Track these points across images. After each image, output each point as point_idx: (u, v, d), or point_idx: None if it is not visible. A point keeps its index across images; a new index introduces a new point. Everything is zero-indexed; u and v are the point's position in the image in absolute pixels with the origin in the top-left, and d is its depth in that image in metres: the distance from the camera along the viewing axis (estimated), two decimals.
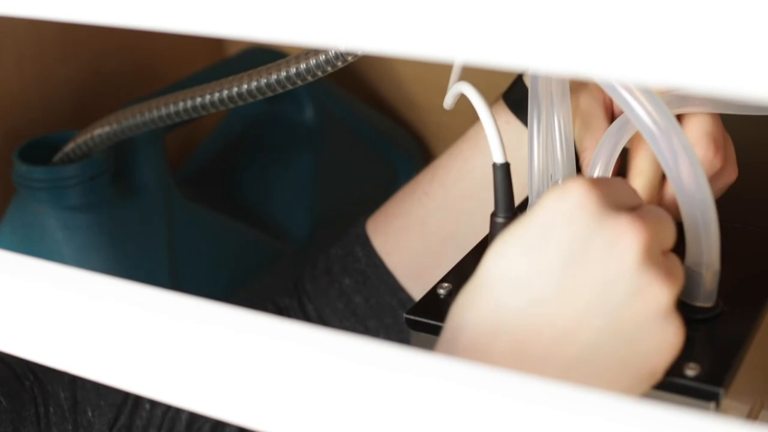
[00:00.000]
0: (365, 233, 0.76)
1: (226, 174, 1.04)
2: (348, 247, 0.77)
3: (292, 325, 0.34)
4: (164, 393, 0.35)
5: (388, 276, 0.74)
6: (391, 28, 0.28)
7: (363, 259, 0.75)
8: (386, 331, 0.75)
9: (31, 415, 0.64)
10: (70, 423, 0.66)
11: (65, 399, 0.67)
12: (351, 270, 0.76)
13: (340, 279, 0.76)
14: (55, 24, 0.87)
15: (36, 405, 0.65)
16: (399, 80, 1.11)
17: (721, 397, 0.46)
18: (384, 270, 0.74)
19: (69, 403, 0.67)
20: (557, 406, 0.29)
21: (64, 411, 0.66)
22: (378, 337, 0.75)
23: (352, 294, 0.75)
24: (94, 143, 0.78)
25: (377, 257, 0.74)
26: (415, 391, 0.31)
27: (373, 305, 0.74)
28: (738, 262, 0.55)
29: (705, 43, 0.24)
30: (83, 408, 0.67)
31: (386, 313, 0.74)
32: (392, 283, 0.74)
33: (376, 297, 0.74)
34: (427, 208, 0.72)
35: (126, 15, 0.32)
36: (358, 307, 0.75)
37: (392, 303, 0.74)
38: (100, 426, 0.68)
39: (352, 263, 0.76)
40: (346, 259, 0.76)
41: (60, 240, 0.79)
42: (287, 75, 0.64)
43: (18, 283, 0.37)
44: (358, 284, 0.75)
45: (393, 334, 0.75)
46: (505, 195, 0.54)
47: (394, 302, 0.74)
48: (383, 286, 0.74)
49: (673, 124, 0.47)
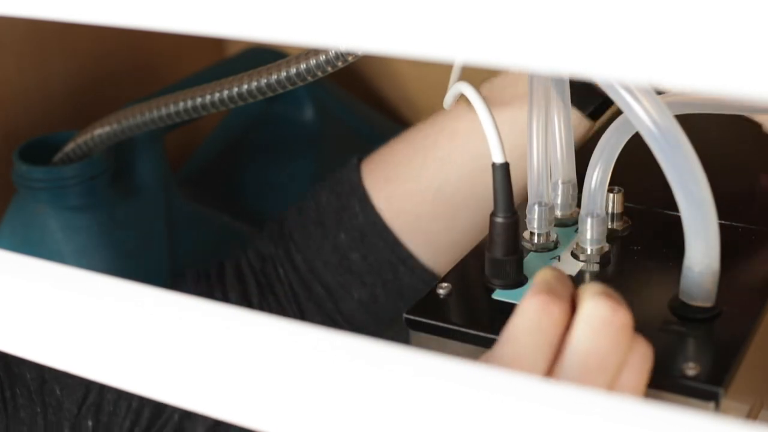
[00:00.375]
0: (363, 187, 0.73)
1: (226, 174, 1.04)
2: (342, 200, 0.74)
3: (292, 324, 0.34)
4: (164, 393, 0.35)
5: (387, 233, 0.72)
6: (391, 28, 0.28)
7: (360, 215, 0.73)
8: (384, 285, 0.73)
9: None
10: (38, 405, 0.65)
11: (32, 380, 0.65)
12: (347, 226, 0.73)
13: (335, 233, 0.73)
14: (55, 24, 0.87)
15: (2, 390, 0.64)
16: (399, 80, 1.11)
17: (720, 397, 0.46)
18: (383, 227, 0.72)
19: (36, 384, 0.65)
20: (557, 406, 0.29)
21: (30, 392, 0.65)
22: (375, 292, 0.73)
23: (347, 250, 0.73)
24: (94, 143, 0.78)
25: (376, 215, 0.72)
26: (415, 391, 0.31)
27: (372, 262, 0.73)
28: (738, 262, 0.55)
29: (705, 43, 0.24)
30: (51, 387, 0.66)
31: (385, 269, 0.73)
32: (391, 240, 0.72)
33: (374, 254, 0.73)
34: (445, 174, 0.70)
35: (126, 15, 0.32)
36: (354, 264, 0.73)
37: (391, 259, 0.72)
38: (68, 405, 0.66)
39: (349, 219, 0.73)
40: (341, 213, 0.74)
41: (60, 240, 0.79)
42: (287, 75, 0.64)
43: (18, 283, 0.37)
44: (355, 241, 0.73)
45: (392, 289, 0.74)
46: (505, 195, 0.54)
47: (393, 258, 0.72)
48: (382, 243, 0.72)
49: (673, 124, 0.47)
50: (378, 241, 0.72)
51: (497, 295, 0.54)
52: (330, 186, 0.75)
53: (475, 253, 0.59)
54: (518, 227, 0.55)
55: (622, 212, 0.60)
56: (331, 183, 0.75)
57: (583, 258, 0.56)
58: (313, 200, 0.76)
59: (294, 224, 0.75)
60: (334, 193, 0.74)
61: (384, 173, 0.73)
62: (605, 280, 0.56)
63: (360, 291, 0.73)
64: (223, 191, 1.02)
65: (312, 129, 1.02)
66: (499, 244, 0.54)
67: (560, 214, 0.60)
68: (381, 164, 0.74)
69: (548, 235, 0.58)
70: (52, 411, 0.66)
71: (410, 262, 0.72)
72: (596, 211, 0.55)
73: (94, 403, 0.67)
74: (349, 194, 0.73)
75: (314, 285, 0.74)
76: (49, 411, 0.65)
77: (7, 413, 0.64)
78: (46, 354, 0.37)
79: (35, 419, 0.65)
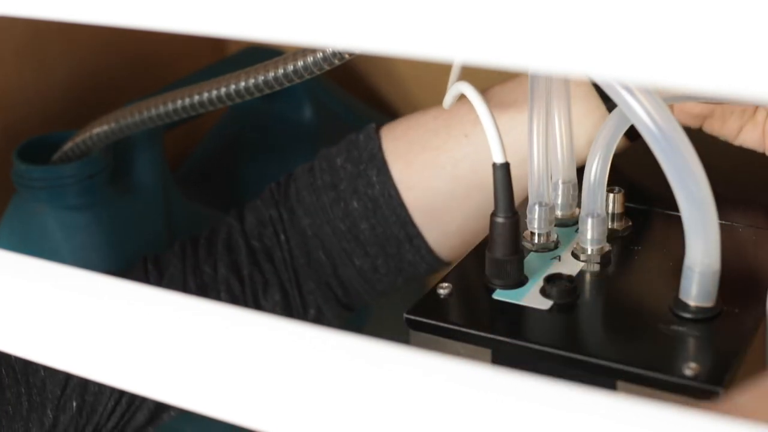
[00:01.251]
0: (383, 156, 0.72)
1: (224, 172, 1.04)
2: (359, 166, 0.73)
3: (292, 324, 0.34)
4: (165, 393, 0.35)
5: (401, 209, 0.72)
6: (390, 28, 0.28)
7: (377, 185, 0.72)
8: (386, 258, 0.73)
9: None
10: (22, 385, 0.65)
11: (16, 360, 0.65)
12: (361, 194, 0.73)
13: (348, 200, 0.73)
14: (55, 24, 0.87)
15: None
16: (398, 79, 1.11)
17: (721, 397, 0.46)
18: (398, 201, 0.72)
19: (20, 365, 0.65)
20: (557, 406, 0.29)
21: (15, 372, 0.65)
22: (376, 263, 0.73)
23: (358, 219, 0.73)
24: (93, 142, 0.78)
25: (393, 188, 0.72)
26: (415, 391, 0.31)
27: (379, 234, 0.72)
28: (738, 262, 0.55)
29: (704, 43, 0.24)
30: (35, 367, 0.66)
31: (391, 243, 0.72)
32: (404, 217, 0.72)
33: (383, 227, 0.72)
34: (465, 151, 0.70)
35: (126, 15, 0.32)
36: (362, 233, 0.73)
37: (399, 235, 0.72)
38: (51, 386, 0.66)
39: (364, 187, 0.72)
40: (356, 180, 0.73)
41: (59, 239, 0.79)
42: (284, 72, 0.64)
43: (18, 283, 0.37)
44: (367, 211, 0.72)
45: (393, 264, 0.73)
46: (505, 195, 0.54)
47: (402, 235, 0.72)
48: (393, 217, 0.72)
49: (673, 124, 0.47)
50: (390, 215, 0.72)
51: (498, 295, 0.54)
52: (347, 150, 0.74)
53: (476, 253, 0.59)
54: (519, 227, 0.55)
55: (622, 212, 0.60)
56: (348, 146, 0.74)
57: (583, 258, 0.56)
58: (326, 162, 0.75)
59: (304, 184, 0.74)
60: (350, 159, 0.74)
61: (405, 143, 0.72)
62: (605, 280, 0.56)
63: (362, 260, 0.73)
64: (221, 190, 1.02)
65: (310, 128, 1.02)
66: (500, 244, 0.54)
67: (561, 214, 0.60)
68: (403, 133, 0.73)
69: (549, 235, 0.58)
70: (36, 392, 0.65)
71: (417, 242, 0.72)
72: (596, 211, 0.55)
73: (79, 383, 0.67)
74: (368, 161, 0.73)
75: (316, 250, 0.74)
76: (33, 392, 0.65)
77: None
78: (45, 354, 0.37)
79: (20, 400, 0.65)
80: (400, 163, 0.72)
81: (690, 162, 0.47)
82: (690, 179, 0.47)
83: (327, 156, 0.75)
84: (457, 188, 0.70)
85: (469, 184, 0.70)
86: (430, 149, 0.71)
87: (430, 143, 0.71)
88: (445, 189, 0.71)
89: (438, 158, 0.71)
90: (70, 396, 0.67)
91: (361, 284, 0.74)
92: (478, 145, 0.69)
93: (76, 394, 0.67)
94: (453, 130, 0.70)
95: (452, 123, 0.71)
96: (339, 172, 0.73)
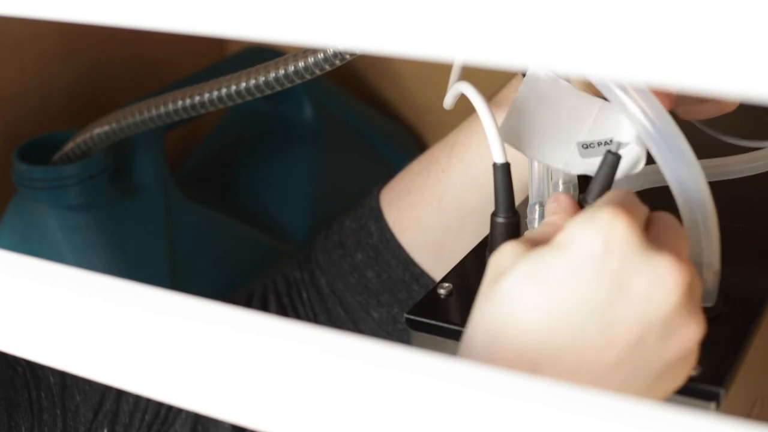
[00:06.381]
0: (379, 207, 0.76)
1: (225, 173, 1.04)
2: (362, 221, 0.77)
3: (292, 324, 0.34)
4: (165, 393, 0.35)
5: (399, 250, 0.74)
6: (390, 28, 0.28)
7: (375, 234, 0.75)
8: (400, 304, 0.74)
9: (24, 400, 0.64)
10: (58, 407, 0.66)
11: (54, 384, 0.67)
12: (363, 245, 0.76)
13: (353, 254, 0.76)
14: (56, 24, 0.87)
15: (29, 390, 0.65)
16: (399, 80, 1.11)
17: (721, 397, 0.46)
18: (395, 244, 0.74)
19: (58, 388, 0.67)
20: (557, 406, 0.29)
21: (53, 395, 0.67)
22: (392, 312, 0.75)
23: (364, 269, 0.75)
24: (94, 142, 0.78)
25: (389, 232, 0.74)
26: (416, 391, 0.31)
27: (385, 280, 0.74)
28: (738, 262, 0.55)
29: (703, 43, 0.24)
30: (71, 392, 0.67)
31: (399, 288, 0.74)
32: (404, 258, 0.74)
33: (387, 272, 0.74)
34: (446, 184, 0.72)
35: (126, 15, 0.32)
36: (371, 282, 0.75)
37: (404, 277, 0.74)
38: (84, 410, 0.68)
39: (365, 238, 0.76)
40: (359, 233, 0.76)
41: (59, 239, 0.79)
42: (285, 73, 0.64)
43: (18, 283, 0.37)
44: (370, 259, 0.75)
45: (407, 308, 0.75)
46: (505, 195, 0.54)
47: (406, 276, 0.74)
48: (395, 261, 0.74)
49: (670, 124, 0.47)
50: (391, 259, 0.74)
51: None
52: (354, 212, 0.78)
53: (475, 253, 0.59)
54: (519, 227, 0.55)
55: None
56: (355, 209, 0.78)
57: None
58: (337, 225, 0.79)
59: (320, 248, 0.78)
60: (355, 218, 0.77)
61: (396, 191, 0.76)
62: None
63: (378, 311, 0.75)
64: (222, 190, 1.02)
65: (311, 128, 1.02)
66: (500, 243, 0.54)
67: None
68: (395, 183, 0.77)
69: None
70: (71, 416, 0.67)
71: (423, 281, 0.74)
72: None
73: (110, 410, 0.69)
74: (368, 216, 0.76)
75: (335, 306, 0.77)
76: (68, 416, 0.67)
77: (32, 413, 0.65)
78: (46, 354, 0.37)
79: (56, 422, 0.67)
80: (393, 209, 0.75)
81: (689, 162, 0.47)
82: (689, 179, 0.47)
83: (339, 221, 0.79)
84: (448, 221, 0.72)
85: (459, 215, 0.72)
86: (415, 191, 0.74)
87: (414, 185, 0.74)
88: (436, 224, 0.73)
89: (423, 197, 0.73)
90: (102, 423, 0.68)
91: (385, 338, 0.75)
92: (458, 176, 0.71)
93: (107, 421, 0.69)
94: (432, 167, 0.73)
95: (430, 161, 0.73)
96: (345, 231, 0.77)
